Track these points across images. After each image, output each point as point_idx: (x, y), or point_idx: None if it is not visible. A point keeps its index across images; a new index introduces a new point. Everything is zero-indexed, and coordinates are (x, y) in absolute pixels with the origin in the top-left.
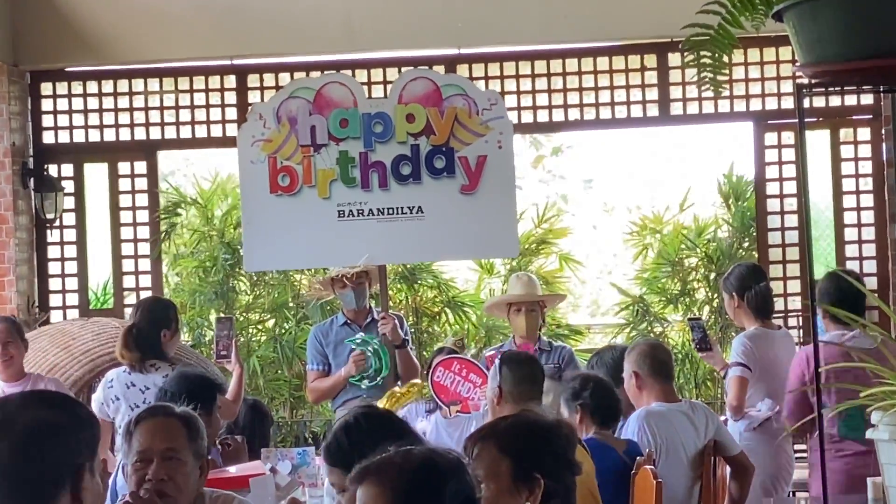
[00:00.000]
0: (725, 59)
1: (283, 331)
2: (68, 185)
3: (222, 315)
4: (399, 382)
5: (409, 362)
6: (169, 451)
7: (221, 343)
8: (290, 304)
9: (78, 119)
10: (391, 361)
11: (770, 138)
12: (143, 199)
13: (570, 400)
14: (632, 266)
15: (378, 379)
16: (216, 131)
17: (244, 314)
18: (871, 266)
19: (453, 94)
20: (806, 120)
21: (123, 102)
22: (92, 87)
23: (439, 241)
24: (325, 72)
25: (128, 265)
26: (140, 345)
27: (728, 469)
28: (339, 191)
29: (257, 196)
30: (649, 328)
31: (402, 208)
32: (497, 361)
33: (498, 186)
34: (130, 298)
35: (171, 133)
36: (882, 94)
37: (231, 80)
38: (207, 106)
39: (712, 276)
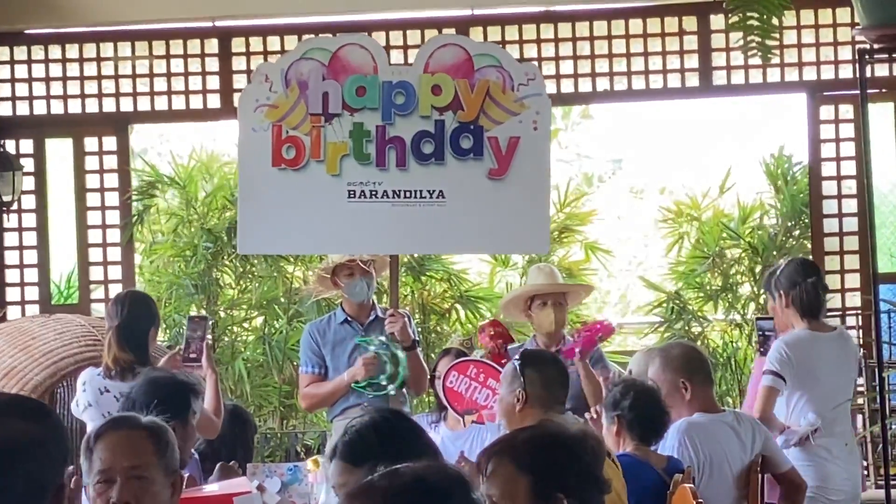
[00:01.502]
0: (775, 21)
1: (273, 330)
2: (28, 164)
3: (195, 314)
4: (404, 390)
5: (419, 367)
6: (134, 470)
7: (193, 345)
8: (282, 300)
9: (39, 88)
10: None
11: (826, 112)
12: (112, 180)
13: (609, 408)
14: (665, 258)
15: (390, 388)
16: (196, 103)
17: (228, 311)
18: None
19: (486, 66)
20: (868, 91)
21: (90, 70)
22: (55, 51)
23: (461, 231)
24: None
25: (95, 254)
26: (131, 346)
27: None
28: (350, 168)
29: (257, 169)
30: (686, 328)
31: (420, 192)
32: (515, 363)
33: (530, 173)
34: (98, 292)
35: (144, 105)
36: None
37: (213, 45)
38: (186, 74)
39: (758, 269)
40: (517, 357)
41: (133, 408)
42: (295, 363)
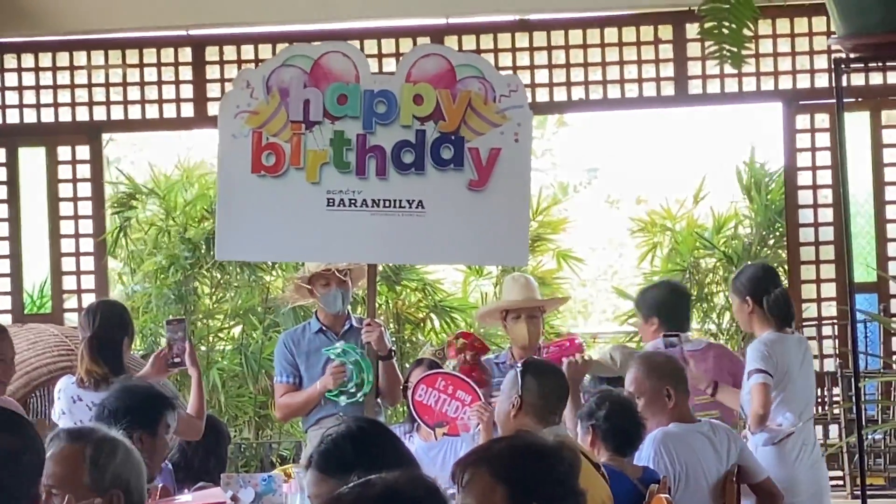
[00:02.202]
0: (747, 31)
1: (249, 340)
2: (0, 173)
3: (172, 317)
4: (379, 399)
5: (394, 376)
6: (53, 487)
7: (176, 347)
8: (258, 310)
9: (12, 97)
10: (374, 375)
11: (802, 121)
12: (85, 189)
13: (584, 419)
14: (642, 266)
15: (359, 395)
16: (169, 111)
17: (204, 321)
18: None
19: (469, 77)
20: (844, 100)
21: (64, 78)
22: (28, 60)
23: (440, 241)
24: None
25: (68, 264)
26: (105, 356)
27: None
28: (330, 176)
29: (237, 175)
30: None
31: (400, 201)
32: (517, 371)
33: (510, 185)
34: (71, 302)
35: (118, 113)
36: None
37: (187, 54)
38: (160, 83)
39: (733, 277)
40: (520, 364)
41: (103, 415)
42: (270, 373)
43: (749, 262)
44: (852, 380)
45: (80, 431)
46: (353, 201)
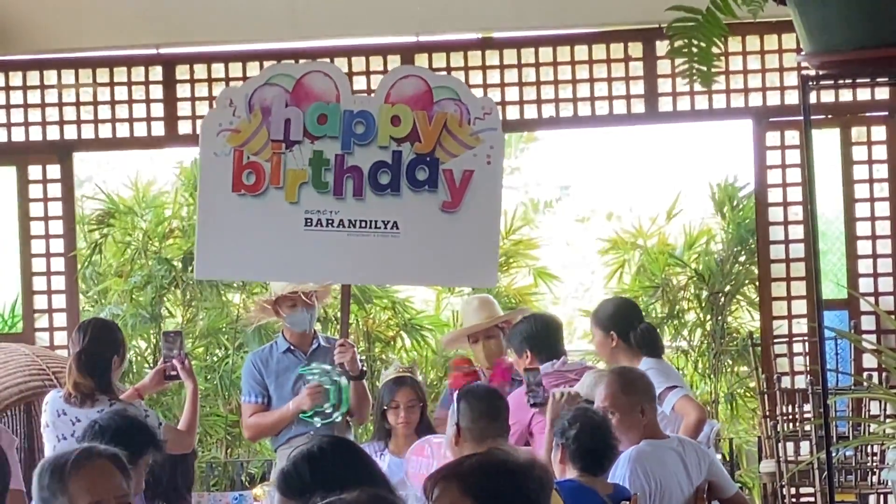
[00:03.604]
0: (716, 49)
1: (217, 359)
2: None
3: (170, 329)
4: (348, 419)
5: (364, 396)
6: (124, 497)
7: (173, 360)
8: (224, 329)
9: None
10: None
11: (772, 138)
12: (56, 208)
13: (557, 436)
14: (610, 285)
15: (336, 415)
16: (140, 130)
17: None
18: (886, 284)
19: (445, 98)
20: (813, 117)
21: (34, 97)
22: None
23: (413, 262)
24: (302, 60)
25: (39, 283)
26: (92, 372)
27: None
28: (308, 196)
29: (218, 193)
30: None
31: (376, 222)
32: (455, 397)
33: (482, 206)
34: (42, 321)
35: (88, 132)
36: None
37: (157, 72)
38: (130, 101)
39: (704, 294)
40: (457, 392)
41: (101, 434)
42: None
43: (608, 297)
44: (821, 397)
45: (107, 449)
46: (330, 221)
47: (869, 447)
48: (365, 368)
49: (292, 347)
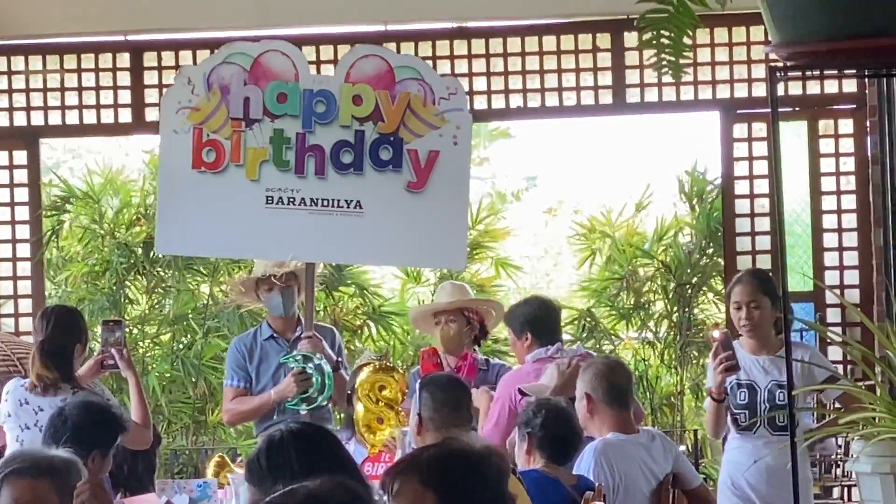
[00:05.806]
0: (687, 40)
1: (182, 346)
2: None
3: (109, 318)
4: (329, 406)
5: (342, 387)
6: None
7: (111, 350)
8: (191, 316)
9: None
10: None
11: (739, 130)
12: (23, 194)
13: (521, 426)
14: (576, 274)
15: (321, 399)
16: (107, 117)
17: (139, 326)
18: (852, 276)
19: (408, 78)
20: (780, 109)
21: (1, 83)
22: None
23: (377, 242)
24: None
25: (5, 269)
26: (56, 362)
27: None
28: (269, 174)
29: (177, 170)
30: (598, 346)
31: (338, 201)
32: (417, 386)
33: (449, 187)
34: (7, 307)
35: (55, 119)
36: (867, 80)
37: (125, 59)
38: (97, 88)
39: (671, 286)
40: (419, 381)
41: (65, 424)
42: (208, 379)
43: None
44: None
45: (47, 460)
46: (291, 199)
47: (833, 439)
48: (341, 359)
49: (275, 334)
